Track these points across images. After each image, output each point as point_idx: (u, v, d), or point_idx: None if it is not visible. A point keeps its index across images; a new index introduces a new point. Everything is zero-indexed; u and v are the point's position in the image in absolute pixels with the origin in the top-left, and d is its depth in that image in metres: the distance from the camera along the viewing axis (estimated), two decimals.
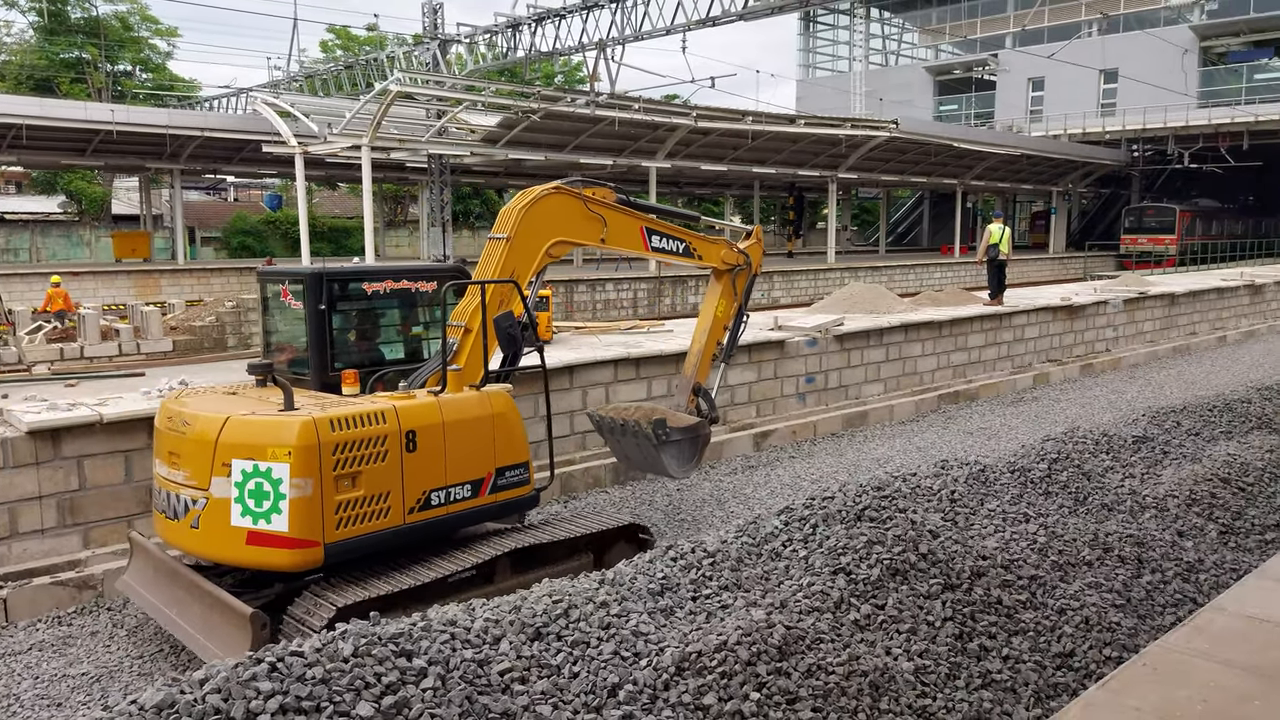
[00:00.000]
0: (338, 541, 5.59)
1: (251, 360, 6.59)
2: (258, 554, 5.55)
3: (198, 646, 5.65)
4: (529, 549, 6.45)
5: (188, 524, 5.76)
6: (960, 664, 4.68)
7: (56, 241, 37.77)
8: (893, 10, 58.85)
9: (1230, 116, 40.11)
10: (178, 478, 5.83)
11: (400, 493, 5.85)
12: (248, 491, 5.49)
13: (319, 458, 5.45)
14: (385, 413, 5.79)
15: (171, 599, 6.13)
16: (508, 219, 6.89)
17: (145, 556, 6.64)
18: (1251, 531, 6.94)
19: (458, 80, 26.48)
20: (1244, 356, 18.47)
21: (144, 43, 45.69)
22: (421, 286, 7.05)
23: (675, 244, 7.94)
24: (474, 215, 52.75)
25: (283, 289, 6.82)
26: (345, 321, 6.75)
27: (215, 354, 17.95)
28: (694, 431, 8.28)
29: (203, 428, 5.67)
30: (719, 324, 8.58)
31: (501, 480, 6.45)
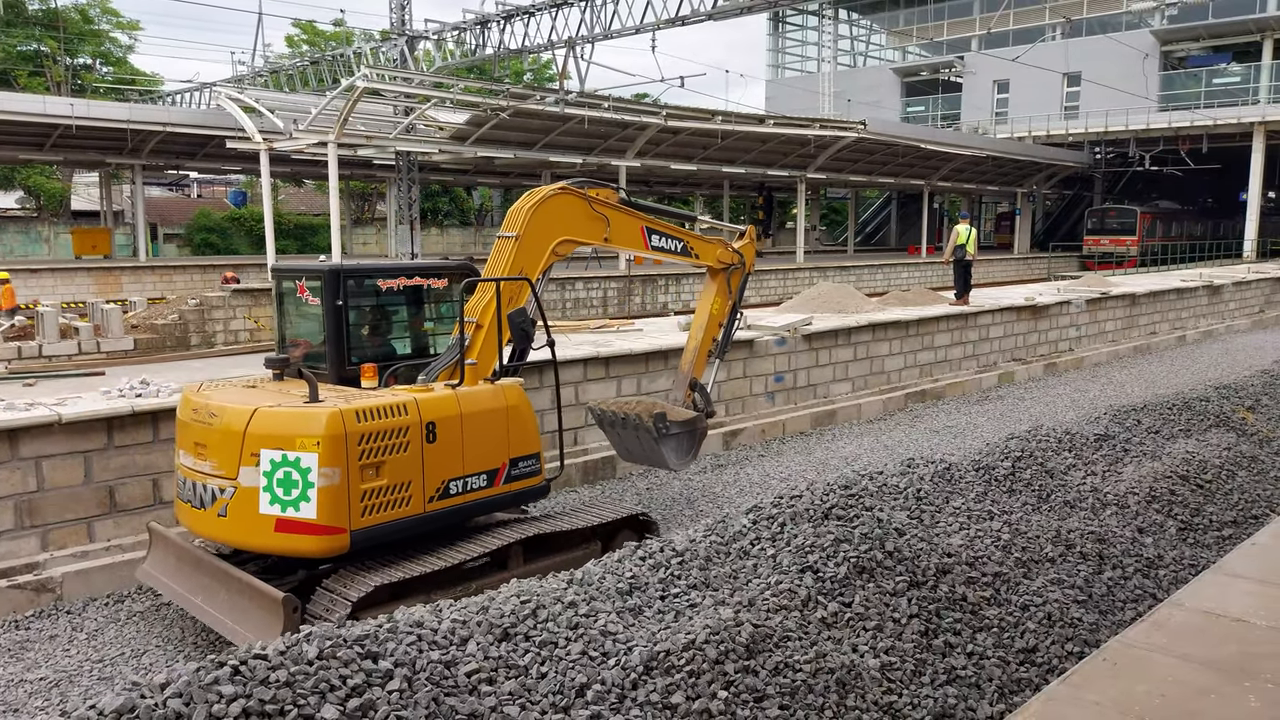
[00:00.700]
0: (363, 528, 5.79)
1: (268, 355, 6.75)
2: (286, 540, 5.74)
3: (227, 630, 5.80)
4: (543, 537, 6.70)
5: (215, 512, 5.93)
6: (926, 660, 4.73)
7: (14, 238, 36.99)
8: (861, 12, 59.26)
9: (1190, 120, 40.85)
10: (204, 468, 6.00)
11: (421, 482, 6.08)
12: (276, 480, 5.68)
13: (346, 448, 5.65)
14: (407, 405, 6.01)
15: (197, 586, 6.28)
16: (516, 218, 7.08)
17: (166, 545, 6.78)
18: (1210, 528, 7.08)
19: (426, 77, 26.28)
20: (1203, 356, 18.83)
21: (104, 36, 44.83)
22: (432, 283, 7.26)
23: (674, 243, 8.19)
24: (442, 213, 52.41)
25: (299, 285, 6.95)
26: (360, 317, 6.92)
27: (178, 353, 17.67)
28: (692, 425, 8.52)
29: (231, 419, 5.85)
30: (714, 321, 8.84)
31: (515, 470, 6.69)
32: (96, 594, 7.14)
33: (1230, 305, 24.57)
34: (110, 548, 7.40)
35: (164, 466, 7.71)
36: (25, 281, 27.27)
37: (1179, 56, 46.87)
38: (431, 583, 6.06)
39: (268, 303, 20.80)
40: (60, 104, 27.63)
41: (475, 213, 54.47)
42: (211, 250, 41.04)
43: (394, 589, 5.83)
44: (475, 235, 51.64)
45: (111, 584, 7.23)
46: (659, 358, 11.00)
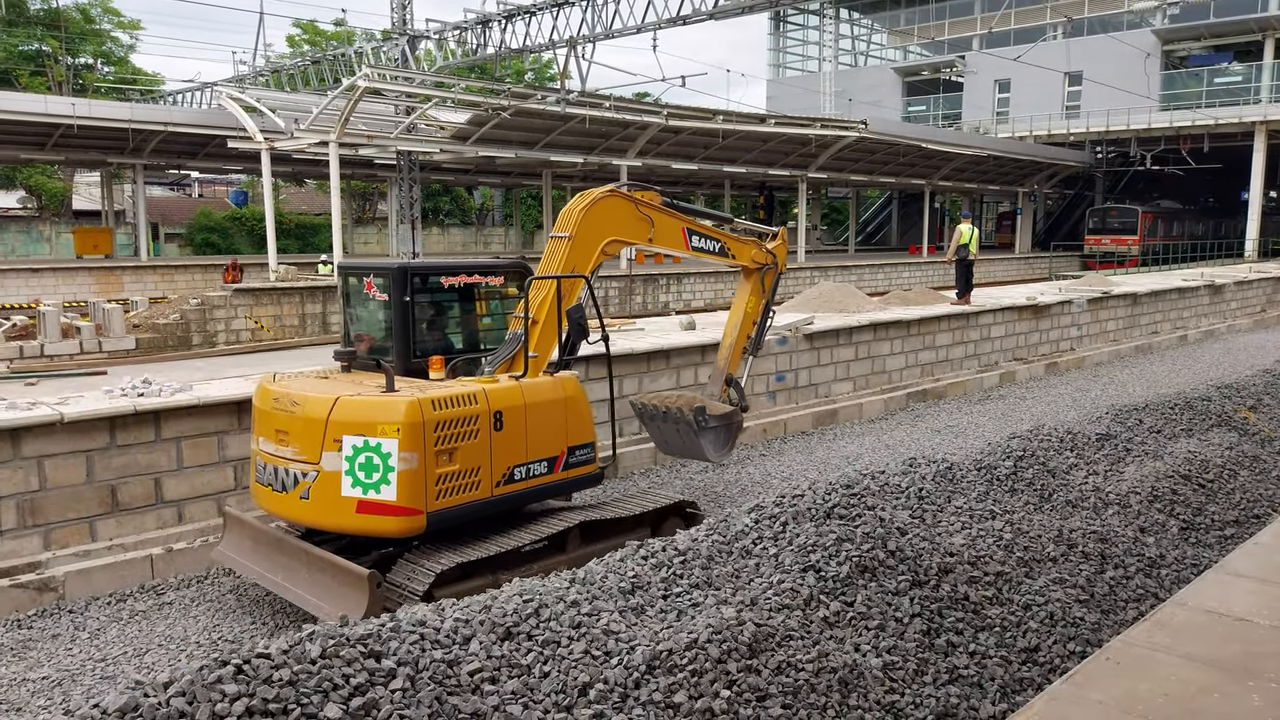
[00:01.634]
0: (437, 510, 6.14)
1: (337, 348, 7.24)
2: (367, 521, 6.08)
3: (311, 606, 6.12)
4: (599, 522, 7.04)
5: (297, 495, 6.26)
6: (928, 660, 4.73)
7: (15, 237, 37.01)
8: (862, 11, 59.24)
9: (1191, 120, 40.83)
10: (286, 453, 6.33)
11: (489, 467, 6.44)
12: (358, 465, 6.00)
13: (423, 434, 5.99)
14: (477, 395, 6.36)
15: (276, 565, 6.61)
16: (569, 219, 7.37)
17: (242, 527, 7.12)
18: (1212, 527, 7.07)
19: (427, 76, 26.28)
20: (1204, 355, 18.81)
21: (106, 35, 44.81)
22: (489, 280, 7.60)
23: (712, 244, 8.50)
24: (443, 213, 52.40)
25: (367, 282, 7.28)
26: (423, 312, 7.19)
27: (179, 352, 17.69)
28: (729, 419, 8.81)
29: (313, 408, 6.18)
30: (749, 319, 9.15)
31: (572, 458, 7.05)
32: (99, 593, 7.14)
33: (1232, 305, 24.56)
34: (112, 547, 7.41)
35: (165, 466, 7.72)
36: (27, 281, 27.34)
37: (1180, 56, 46.85)
38: (498, 563, 6.39)
39: (269, 302, 20.82)
40: (62, 104, 27.64)
41: (476, 212, 54.48)
42: (213, 250, 41.05)
43: (465, 568, 6.17)
44: (476, 235, 51.64)
45: (113, 583, 7.23)
46: (660, 357, 11.02)
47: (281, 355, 15.23)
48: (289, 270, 23.00)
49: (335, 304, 21.81)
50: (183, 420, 7.77)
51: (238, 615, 6.85)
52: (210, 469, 7.96)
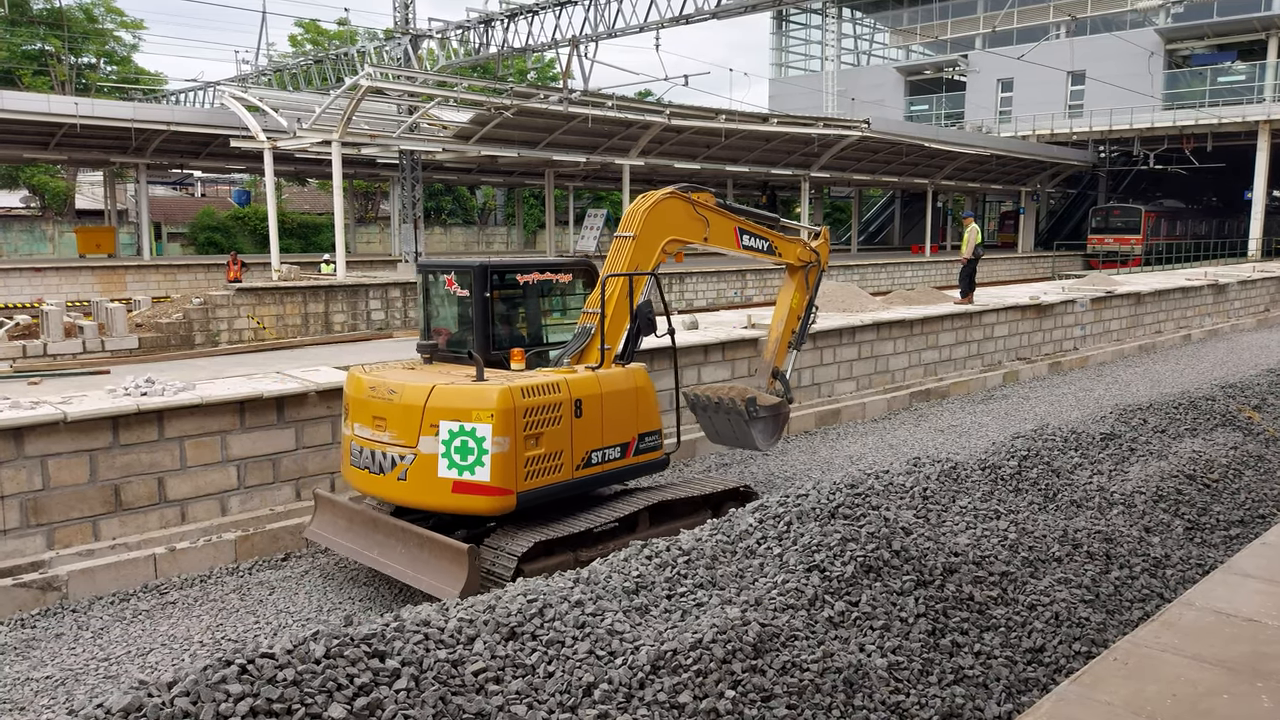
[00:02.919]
0: (526, 491, 6.59)
1: (419, 341, 7.83)
2: (462, 500, 6.51)
3: (409, 579, 6.62)
4: (666, 504, 7.49)
5: (394, 477, 6.73)
6: (933, 660, 4.71)
7: (18, 237, 37.07)
8: (864, 10, 59.17)
9: (1194, 119, 40.74)
10: (383, 438, 6.81)
11: (570, 451, 6.89)
12: (454, 448, 6.45)
13: (514, 420, 6.43)
14: (559, 384, 6.83)
15: (371, 542, 7.07)
16: (633, 219, 7.77)
17: (334, 508, 7.64)
18: (1217, 527, 7.05)
19: (429, 76, 26.27)
20: (1208, 355, 18.78)
21: (109, 35, 44.86)
22: (558, 277, 8.04)
23: (761, 243, 8.86)
24: (446, 212, 52.40)
25: (447, 279, 7.71)
26: (500, 307, 7.64)
27: (182, 351, 17.68)
28: (777, 410, 9.22)
29: (411, 395, 6.65)
30: (794, 314, 9.54)
31: (641, 444, 7.49)
32: (102, 592, 7.14)
33: (1235, 304, 24.51)
34: (115, 546, 7.41)
35: (169, 465, 7.71)
36: (30, 280, 27.37)
37: (1184, 55, 46.74)
38: (577, 541, 6.84)
39: (271, 302, 20.82)
40: (65, 103, 27.66)
41: (478, 211, 54.47)
42: (216, 249, 41.06)
43: (549, 545, 6.62)
44: (479, 234, 51.64)
45: (117, 583, 7.23)
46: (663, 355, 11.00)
47: (284, 355, 15.22)
48: (291, 270, 23.00)
49: (337, 303, 21.81)
50: (185, 419, 7.76)
51: (241, 615, 6.84)
52: (213, 468, 7.96)
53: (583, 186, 45.37)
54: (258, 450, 8.21)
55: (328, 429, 8.63)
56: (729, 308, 23.95)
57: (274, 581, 7.48)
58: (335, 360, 11.07)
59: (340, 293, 21.94)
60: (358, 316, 22.18)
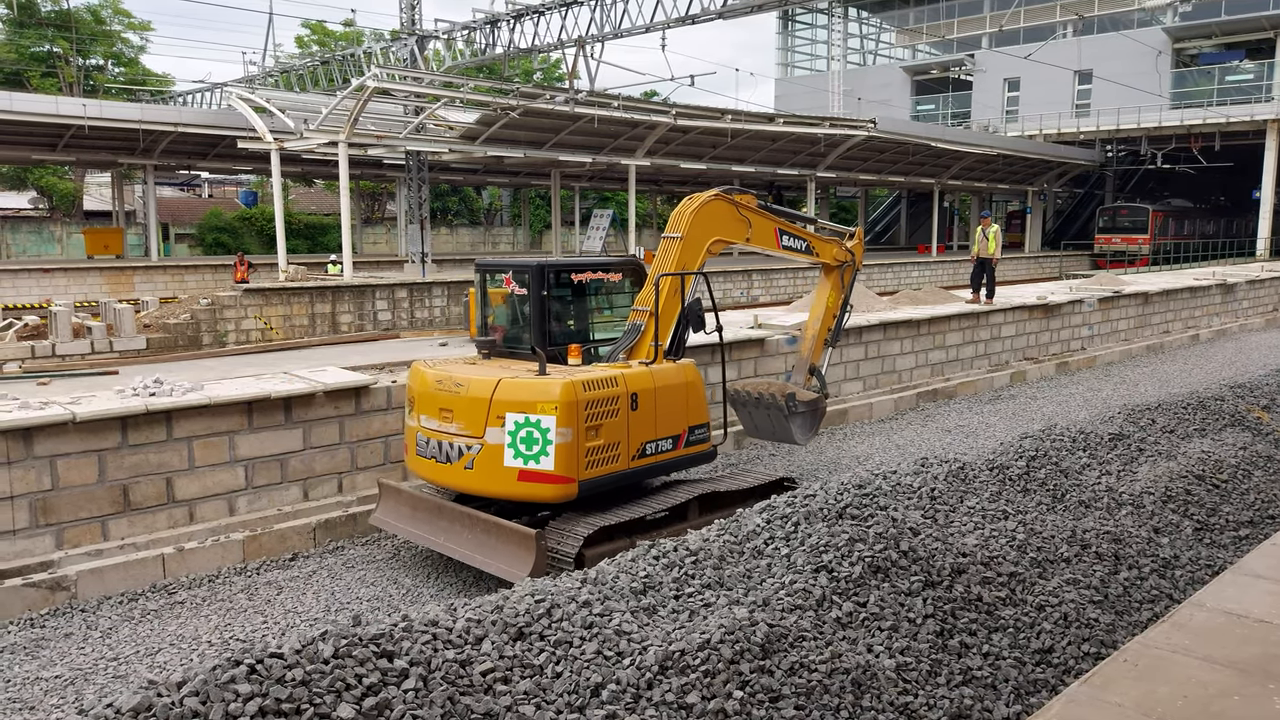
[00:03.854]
0: (587, 479, 6.91)
1: (477, 338, 8.16)
2: (527, 488, 6.84)
3: (477, 563, 6.97)
4: (715, 494, 7.80)
5: (461, 466, 7.07)
6: (941, 661, 4.70)
7: (27, 238, 37.20)
8: (870, 10, 59.09)
9: (1202, 118, 40.61)
10: (450, 429, 7.14)
11: (626, 443, 7.20)
12: (519, 438, 6.77)
13: (577, 412, 6.74)
14: (617, 378, 7.12)
15: (437, 528, 7.44)
16: (680, 220, 8.05)
17: (398, 496, 7.96)
18: (1226, 528, 7.02)
19: (436, 77, 26.31)
20: (1217, 354, 18.71)
21: (116, 36, 44.96)
22: (609, 277, 8.36)
23: (799, 243, 9.14)
24: (452, 212, 52.44)
25: (505, 278, 8.04)
26: (556, 304, 7.90)
27: (190, 352, 17.74)
28: (815, 405, 9.55)
29: (477, 388, 6.99)
30: (829, 313, 9.83)
31: (691, 437, 7.78)
32: (111, 592, 7.16)
33: (1244, 304, 24.41)
34: (124, 546, 7.43)
35: (177, 465, 7.73)
36: (38, 281, 27.47)
37: (1191, 54, 46.58)
38: (633, 528, 7.14)
39: (278, 302, 20.87)
40: (72, 105, 27.76)
41: (484, 212, 54.52)
42: (223, 250, 41.15)
43: (608, 531, 6.94)
44: (485, 235, 51.67)
45: (125, 582, 7.25)
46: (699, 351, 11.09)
47: (291, 355, 15.26)
48: (298, 270, 23.05)
49: (344, 304, 21.85)
50: (194, 420, 7.78)
51: (249, 615, 6.86)
52: (221, 468, 7.98)
53: (589, 187, 45.38)
54: (265, 450, 8.23)
55: (335, 429, 8.65)
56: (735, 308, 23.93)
57: (282, 581, 7.49)
58: (342, 361, 11.09)
59: (347, 293, 21.98)
60: (365, 317, 22.22)
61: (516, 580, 5.85)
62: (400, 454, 9.14)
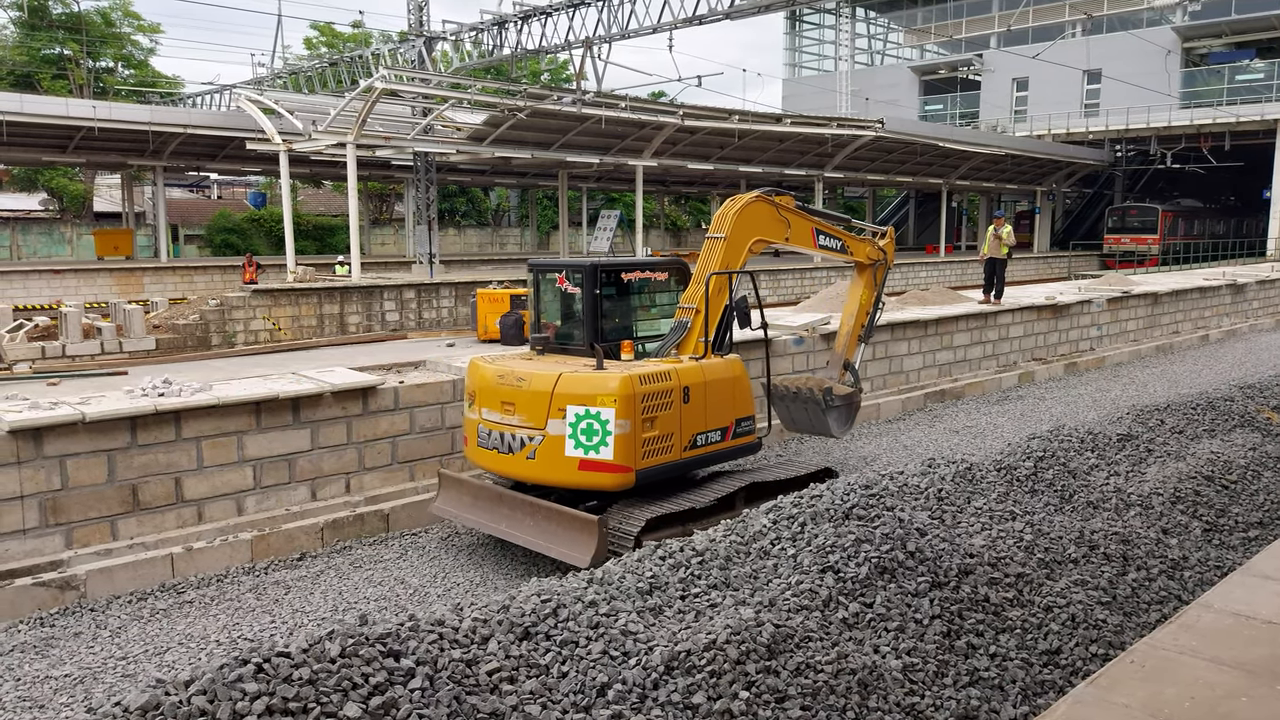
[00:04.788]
0: (643, 469, 7.23)
1: (531, 335, 8.55)
2: (587, 477, 7.18)
3: (540, 548, 7.32)
4: (760, 484, 8.05)
5: (523, 456, 7.43)
6: (948, 662, 4.69)
7: (37, 239, 37.36)
8: (878, 10, 58.97)
9: (1212, 117, 40.42)
10: (513, 421, 7.50)
11: (679, 434, 7.53)
12: (580, 430, 7.11)
13: (634, 405, 7.07)
14: (670, 372, 7.46)
15: (497, 515, 7.79)
16: (723, 221, 8.31)
17: (459, 485, 8.33)
18: (1235, 529, 6.99)
19: (443, 78, 26.35)
20: (1226, 355, 18.62)
21: (126, 39, 45.14)
22: (656, 276, 8.70)
23: (835, 242, 9.43)
24: (460, 213, 52.50)
25: (559, 277, 8.41)
26: (607, 302, 8.18)
27: (199, 352, 17.79)
28: (850, 399, 9.90)
29: (539, 382, 7.34)
30: (863, 310, 10.11)
31: (738, 429, 8.08)
32: (120, 591, 7.19)
33: (1254, 304, 24.29)
34: (133, 545, 7.46)
35: (186, 465, 7.76)
36: (49, 282, 27.61)
37: (1201, 53, 46.37)
38: (686, 517, 7.39)
39: (287, 303, 20.93)
40: (83, 106, 27.89)
41: (492, 213, 54.57)
42: (232, 251, 41.26)
43: (663, 518, 7.24)
44: (492, 235, 51.72)
45: (134, 582, 7.29)
46: None
47: (299, 356, 15.29)
48: (306, 271, 23.11)
49: (352, 304, 21.90)
50: (202, 420, 7.82)
51: (257, 614, 6.88)
52: (229, 468, 8.01)
53: (596, 188, 45.39)
54: (273, 450, 8.26)
55: (342, 429, 8.67)
56: None
57: (289, 581, 7.51)
58: (350, 361, 11.11)
59: (355, 294, 22.03)
60: (373, 318, 22.27)
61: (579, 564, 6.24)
62: (407, 455, 9.16)
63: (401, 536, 8.58)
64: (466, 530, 8.76)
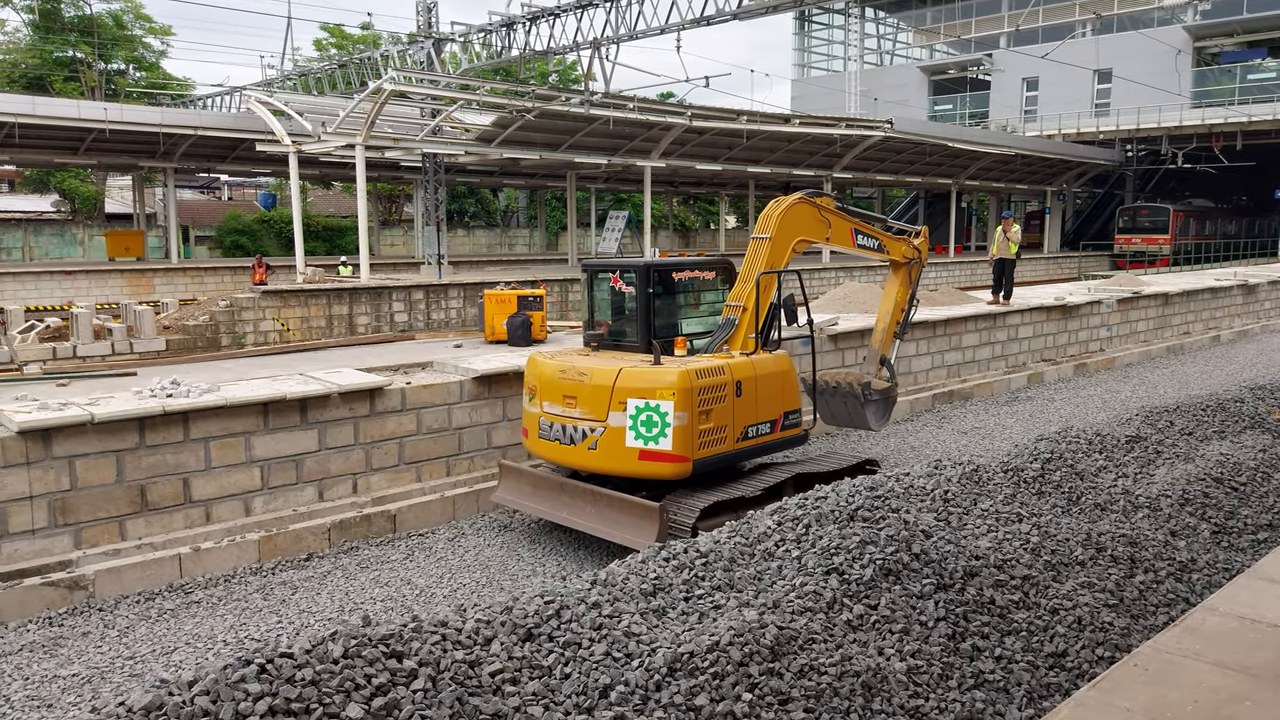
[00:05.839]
0: (699, 459, 7.56)
1: (585, 332, 8.92)
2: (647, 466, 7.53)
3: (603, 534, 7.72)
4: (808, 475, 8.32)
5: (585, 447, 7.79)
6: (953, 664, 4.67)
7: (49, 240, 37.58)
8: (887, 10, 58.83)
9: (1223, 117, 40.19)
10: (575, 414, 7.85)
11: (732, 426, 7.84)
12: (640, 422, 7.44)
13: (692, 397, 7.39)
14: (724, 367, 7.79)
15: (559, 504, 8.19)
16: (768, 222, 8.60)
17: (519, 475, 8.72)
18: (1244, 531, 6.94)
19: (452, 79, 26.42)
20: (1237, 356, 18.51)
21: (138, 41, 45.40)
22: (704, 275, 9.06)
23: (872, 241, 9.72)
24: (468, 214, 52.59)
25: (613, 277, 8.78)
26: (659, 301, 8.56)
27: (209, 353, 17.86)
28: (887, 393, 10.24)
29: (600, 377, 7.69)
30: (898, 307, 10.40)
31: (786, 421, 8.42)
32: (128, 592, 7.23)
33: (1266, 305, 24.14)
34: (141, 546, 7.50)
35: (194, 466, 7.80)
36: (60, 283, 27.78)
37: (1212, 52, 46.10)
38: (737, 505, 7.59)
39: (296, 304, 21.00)
40: (94, 109, 28.06)
41: (501, 214, 54.65)
42: (242, 252, 41.43)
43: (717, 506, 7.53)
44: (501, 236, 51.79)
45: (142, 582, 7.32)
46: None
47: (308, 357, 15.34)
48: (315, 272, 23.19)
49: (360, 305, 21.97)
50: (210, 421, 7.85)
51: (264, 614, 6.91)
52: (237, 469, 8.04)
53: (604, 188, 45.40)
54: (281, 451, 8.29)
55: (349, 430, 8.70)
56: None
57: (297, 581, 7.54)
58: (358, 362, 11.14)
59: (364, 295, 22.10)
60: (381, 318, 22.33)
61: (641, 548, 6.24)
62: (414, 456, 9.18)
63: (408, 537, 8.61)
64: (474, 530, 8.78)
